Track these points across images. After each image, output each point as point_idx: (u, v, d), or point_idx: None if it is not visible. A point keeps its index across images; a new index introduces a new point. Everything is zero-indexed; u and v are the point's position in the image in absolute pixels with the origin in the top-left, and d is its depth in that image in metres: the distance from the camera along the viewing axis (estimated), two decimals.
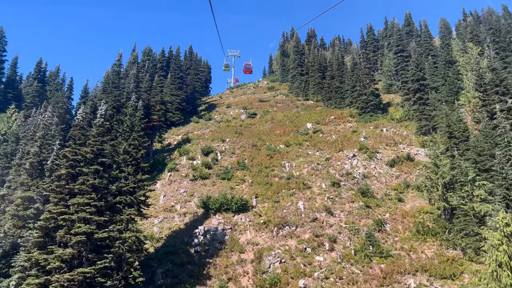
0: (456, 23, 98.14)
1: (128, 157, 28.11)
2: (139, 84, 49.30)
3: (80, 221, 22.18)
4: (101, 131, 25.26)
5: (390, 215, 34.95)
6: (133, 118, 30.48)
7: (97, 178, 24.16)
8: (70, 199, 22.37)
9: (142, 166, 29.02)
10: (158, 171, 47.25)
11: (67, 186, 23.00)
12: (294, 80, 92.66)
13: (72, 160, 23.79)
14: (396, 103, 68.19)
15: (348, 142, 51.49)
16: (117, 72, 34.81)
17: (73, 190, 23.11)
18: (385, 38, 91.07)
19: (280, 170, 44.99)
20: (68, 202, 22.11)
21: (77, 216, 21.89)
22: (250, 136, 58.97)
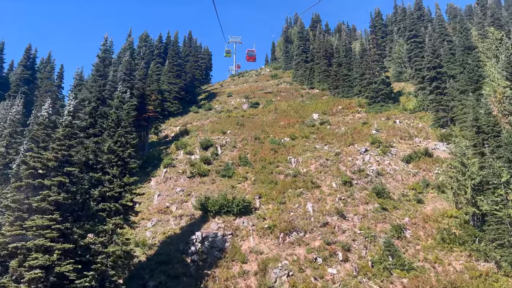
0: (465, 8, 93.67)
1: (113, 157, 24.38)
2: (132, 72, 45.30)
3: (37, 249, 18.22)
4: (68, 132, 21.01)
5: (409, 219, 31.30)
6: (119, 111, 26.60)
7: (63, 192, 19.99)
8: (30, 217, 18.61)
9: (130, 167, 25.28)
10: (153, 167, 43.62)
11: (26, 201, 19.05)
12: (299, 67, 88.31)
13: (32, 168, 19.80)
14: (408, 92, 64.09)
15: (359, 135, 47.61)
16: (102, 59, 30.83)
17: (33, 207, 19.09)
18: (395, 23, 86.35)
19: (286, 166, 41.28)
20: (25, 224, 18.29)
21: (33, 243, 17.87)
22: (252, 128, 55.15)
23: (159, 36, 76.45)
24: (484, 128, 30.69)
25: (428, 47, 50.38)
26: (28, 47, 63.14)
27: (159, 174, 41.28)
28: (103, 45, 30.35)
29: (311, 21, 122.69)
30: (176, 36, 74.46)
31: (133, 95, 45.31)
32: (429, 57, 49.24)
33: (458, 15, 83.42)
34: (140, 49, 73.74)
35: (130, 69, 44.74)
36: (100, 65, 31.30)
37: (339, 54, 73.14)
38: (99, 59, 31.09)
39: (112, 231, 22.56)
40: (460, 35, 54.81)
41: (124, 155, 24.79)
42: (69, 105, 22.11)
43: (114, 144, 24.68)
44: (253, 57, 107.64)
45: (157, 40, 77.12)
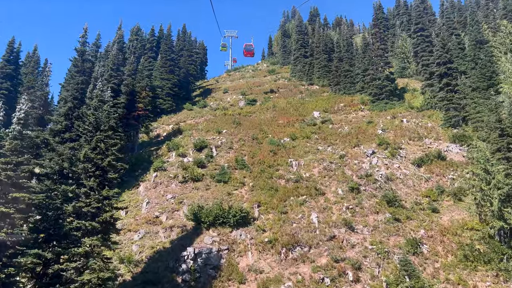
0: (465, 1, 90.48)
1: (90, 166, 20.99)
2: (119, 68, 41.72)
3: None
4: (15, 146, 17.09)
5: (425, 231, 28.21)
6: (98, 112, 23.15)
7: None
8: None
9: (111, 178, 21.90)
10: (143, 170, 40.22)
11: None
12: (297, 62, 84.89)
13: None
14: (413, 89, 60.97)
15: (364, 135, 44.45)
16: (81, 53, 27.36)
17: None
18: (397, 17, 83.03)
19: (286, 169, 38.06)
20: None
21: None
22: (249, 127, 51.87)
23: (151, 29, 72.93)
24: (509, 130, 27.57)
25: (437, 41, 47.16)
26: (11, 40, 58.99)
27: (148, 179, 37.90)
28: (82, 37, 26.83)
29: (309, 15, 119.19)
30: (169, 29, 70.82)
31: (120, 92, 41.86)
32: (439, 51, 46.05)
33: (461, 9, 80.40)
34: (131, 43, 69.97)
35: (118, 64, 41.21)
36: (78, 60, 27.80)
37: (340, 49, 69.86)
38: (78, 53, 27.59)
39: (87, 254, 19.23)
40: (471, 28, 51.68)
41: (103, 164, 21.40)
42: (19, 111, 18.38)
43: (92, 151, 21.28)
44: (251, 52, 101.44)
45: (149, 33, 73.47)
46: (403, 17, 78.37)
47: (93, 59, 48.21)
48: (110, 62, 40.14)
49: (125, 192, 36.13)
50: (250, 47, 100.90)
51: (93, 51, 47.74)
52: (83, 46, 27.60)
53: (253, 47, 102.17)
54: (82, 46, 27.57)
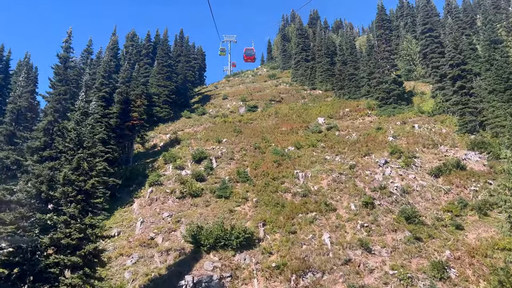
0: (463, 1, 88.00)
1: (70, 190, 18.09)
2: (111, 75, 38.93)
3: None
4: None
5: (451, 252, 25.28)
6: (81, 126, 20.29)
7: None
8: None
9: (95, 202, 18.99)
10: (138, 185, 37.29)
11: None
12: (298, 66, 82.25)
13: None
14: (421, 92, 58.37)
15: (374, 142, 41.61)
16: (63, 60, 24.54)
17: None
18: (401, 18, 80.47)
19: (292, 182, 35.19)
20: None
21: None
22: (251, 135, 49.10)
23: (147, 34, 70.06)
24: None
25: (448, 42, 44.45)
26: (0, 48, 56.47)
27: (143, 195, 34.97)
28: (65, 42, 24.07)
29: (309, 18, 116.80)
30: (166, 34, 67.96)
31: (112, 101, 39.08)
32: (451, 52, 43.30)
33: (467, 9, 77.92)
34: (127, 49, 67.27)
35: (110, 71, 38.42)
36: (60, 68, 24.92)
37: (343, 52, 67.23)
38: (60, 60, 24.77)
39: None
40: (484, 28, 49.05)
41: (86, 187, 18.50)
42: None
43: (73, 172, 18.40)
44: (252, 57, 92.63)
45: (145, 39, 70.59)
46: (407, 18, 75.87)
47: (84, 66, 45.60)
48: (101, 69, 37.36)
49: (118, 210, 33.25)
50: (251, 52, 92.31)
51: (84, 58, 45.06)
52: (67, 52, 24.78)
53: (254, 52, 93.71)
54: (65, 52, 24.75)
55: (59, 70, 25.29)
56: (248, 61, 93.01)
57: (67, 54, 25.17)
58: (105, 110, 35.82)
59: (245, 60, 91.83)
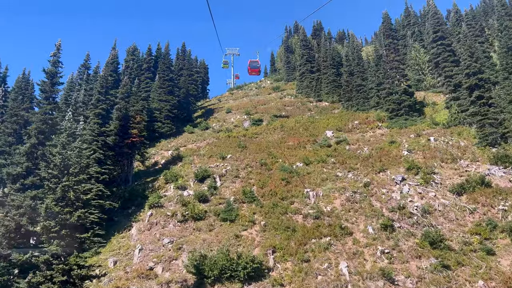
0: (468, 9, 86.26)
1: (53, 224, 15.73)
2: (108, 91, 36.89)
3: None
4: None
5: (484, 282, 22.55)
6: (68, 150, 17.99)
7: None
8: None
9: (82, 237, 16.58)
10: (137, 207, 34.90)
11: None
12: (303, 78, 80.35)
13: None
14: (432, 103, 55.94)
15: (388, 157, 39.10)
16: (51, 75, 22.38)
17: None
18: (408, 27, 78.57)
19: (303, 202, 32.67)
20: None
21: None
22: (256, 150, 46.77)
23: (148, 48, 68.37)
24: None
25: (463, 50, 42.18)
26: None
27: (142, 218, 32.51)
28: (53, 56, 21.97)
29: (313, 29, 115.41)
30: (167, 47, 66.32)
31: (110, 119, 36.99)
32: (467, 61, 40.98)
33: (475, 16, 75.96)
34: (128, 63, 65.63)
35: (107, 87, 36.39)
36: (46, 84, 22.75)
37: (350, 62, 65.13)
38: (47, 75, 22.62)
39: None
40: (501, 35, 46.85)
41: (72, 219, 16.14)
42: None
43: (56, 204, 16.07)
44: (257, 70, 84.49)
45: (146, 52, 68.92)
46: (414, 27, 73.96)
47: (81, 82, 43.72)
48: (98, 85, 35.37)
49: (115, 235, 30.78)
50: (256, 64, 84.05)
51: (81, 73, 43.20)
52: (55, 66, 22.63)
53: (260, 64, 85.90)
54: (53, 67, 22.56)
55: (45, 86, 23.16)
56: (253, 74, 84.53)
57: (55, 69, 23.03)
58: (102, 127, 33.63)
59: (249, 73, 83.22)
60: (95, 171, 31.13)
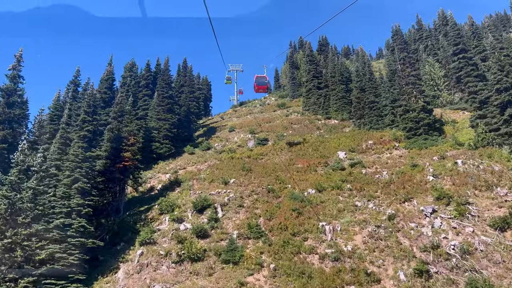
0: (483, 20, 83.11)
1: None
2: (96, 110, 32.94)
3: None
4: None
5: None
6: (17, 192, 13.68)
7: None
8: None
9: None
10: (126, 243, 30.48)
11: None
12: (310, 95, 76.36)
13: None
14: (452, 121, 51.62)
15: (412, 183, 34.60)
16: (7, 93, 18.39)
17: None
18: (420, 41, 74.98)
19: (318, 238, 28.12)
20: None
21: None
22: (262, 174, 42.54)
23: (147, 64, 64.87)
24: None
25: (493, 63, 38.12)
26: None
27: (131, 258, 28.00)
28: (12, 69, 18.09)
29: (318, 44, 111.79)
30: (167, 63, 62.72)
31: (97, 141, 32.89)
32: (497, 75, 36.85)
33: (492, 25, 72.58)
34: (125, 79, 62.08)
35: (95, 106, 32.46)
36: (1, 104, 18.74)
37: (361, 78, 61.16)
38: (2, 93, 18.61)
39: None
40: None
41: None
42: None
43: None
44: (265, 86, 74.92)
45: (144, 68, 65.48)
46: (427, 40, 70.29)
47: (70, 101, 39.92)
48: (84, 104, 31.46)
49: (98, 280, 26.21)
50: (263, 80, 74.41)
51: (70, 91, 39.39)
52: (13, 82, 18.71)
53: (268, 80, 75.50)
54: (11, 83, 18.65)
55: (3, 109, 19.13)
56: (260, 91, 73.53)
57: (13, 86, 19.05)
58: (88, 152, 29.49)
59: (256, 90, 72.38)
60: (77, 204, 26.93)
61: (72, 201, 26.82)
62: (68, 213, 26.66)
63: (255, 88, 70.10)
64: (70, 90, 40.51)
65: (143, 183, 44.81)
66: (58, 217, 26.19)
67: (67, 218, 26.20)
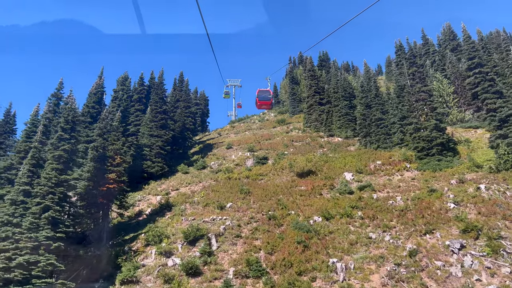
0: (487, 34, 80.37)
1: None
2: (75, 127, 29.09)
3: None
4: None
5: None
6: None
7: None
8: None
9: None
10: (106, 280, 26.29)
11: None
12: (312, 111, 73.05)
13: None
14: (465, 140, 48.16)
15: (430, 211, 30.70)
16: None
17: None
18: (426, 56, 72.10)
19: (328, 278, 24.06)
20: None
21: None
22: (262, 197, 38.69)
23: (140, 77, 61.40)
24: None
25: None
26: None
27: None
28: None
29: (319, 60, 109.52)
30: (162, 76, 59.22)
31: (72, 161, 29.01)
32: None
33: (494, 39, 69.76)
34: (117, 93, 58.53)
35: (74, 122, 28.67)
36: None
37: (366, 93, 57.82)
38: None
39: None
40: None
41: None
42: None
43: None
44: (269, 102, 60.12)
45: (137, 82, 62.04)
46: (434, 55, 67.39)
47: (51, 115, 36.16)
48: (62, 120, 27.71)
49: None
50: (267, 95, 60.04)
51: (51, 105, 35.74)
52: None
53: (271, 95, 62.85)
54: None
55: None
56: (263, 107, 61.59)
57: None
58: (63, 175, 25.60)
59: (258, 106, 60.18)
60: (45, 237, 22.95)
61: (41, 234, 22.86)
62: (36, 248, 22.70)
63: (257, 104, 58.89)
64: (51, 103, 36.88)
65: (131, 206, 40.73)
66: (23, 253, 22.28)
67: (33, 255, 22.20)
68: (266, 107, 60.03)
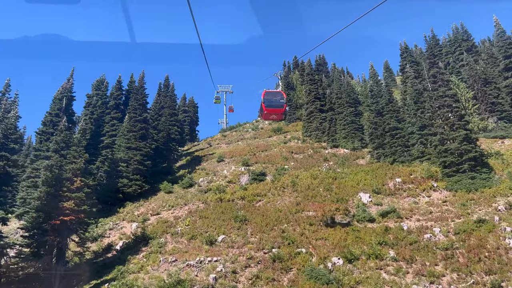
0: None
1: None
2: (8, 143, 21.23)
3: None
4: None
5: None
6: None
7: None
8: None
9: None
10: None
11: None
12: (312, 118, 65.83)
13: None
14: (495, 152, 41.34)
15: (484, 250, 23.41)
16: None
17: None
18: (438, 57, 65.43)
19: None
20: None
21: None
22: (262, 226, 31.22)
23: (118, 80, 53.31)
24: None
25: None
26: None
27: None
28: None
29: (316, 64, 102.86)
30: (142, 79, 51.12)
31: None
32: None
33: None
34: (90, 99, 50.55)
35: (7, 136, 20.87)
36: None
37: (377, 100, 50.68)
38: None
39: None
40: None
41: None
42: None
43: None
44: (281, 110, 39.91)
45: (114, 86, 54.06)
46: (448, 57, 60.82)
47: None
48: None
49: None
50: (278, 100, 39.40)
51: None
52: None
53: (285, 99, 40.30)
54: None
55: None
56: (273, 117, 42.82)
57: None
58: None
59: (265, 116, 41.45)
60: None
61: None
62: None
63: (264, 113, 40.44)
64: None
65: (99, 238, 32.87)
66: None
67: None
68: (277, 117, 41.50)
